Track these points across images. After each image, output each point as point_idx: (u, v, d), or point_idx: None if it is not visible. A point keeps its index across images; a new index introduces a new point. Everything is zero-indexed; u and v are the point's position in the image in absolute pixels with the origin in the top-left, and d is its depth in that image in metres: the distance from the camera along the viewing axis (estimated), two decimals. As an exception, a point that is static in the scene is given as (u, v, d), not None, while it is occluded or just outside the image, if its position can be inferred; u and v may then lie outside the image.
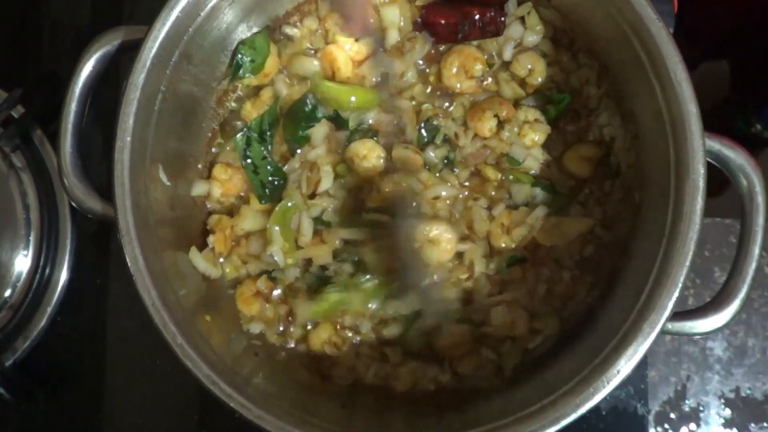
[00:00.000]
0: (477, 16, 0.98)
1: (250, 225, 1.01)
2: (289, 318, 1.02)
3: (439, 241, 0.99)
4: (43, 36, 1.20)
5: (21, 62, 1.21)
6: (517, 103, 1.02)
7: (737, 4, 1.16)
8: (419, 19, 1.02)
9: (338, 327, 1.01)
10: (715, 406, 1.10)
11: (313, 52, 1.04)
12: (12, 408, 1.12)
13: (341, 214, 1.01)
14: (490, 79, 1.03)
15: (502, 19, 0.99)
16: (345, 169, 1.02)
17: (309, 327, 1.02)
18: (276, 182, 1.03)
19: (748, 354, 1.10)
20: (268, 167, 1.03)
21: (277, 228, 0.99)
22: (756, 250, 0.84)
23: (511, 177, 1.01)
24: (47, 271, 1.12)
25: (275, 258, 0.99)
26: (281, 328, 1.02)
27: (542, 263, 1.00)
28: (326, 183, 1.01)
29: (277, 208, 1.00)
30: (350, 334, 1.01)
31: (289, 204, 1.00)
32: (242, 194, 1.04)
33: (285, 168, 1.03)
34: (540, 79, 1.01)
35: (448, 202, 1.02)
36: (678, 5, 1.12)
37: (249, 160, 1.03)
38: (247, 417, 0.83)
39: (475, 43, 1.02)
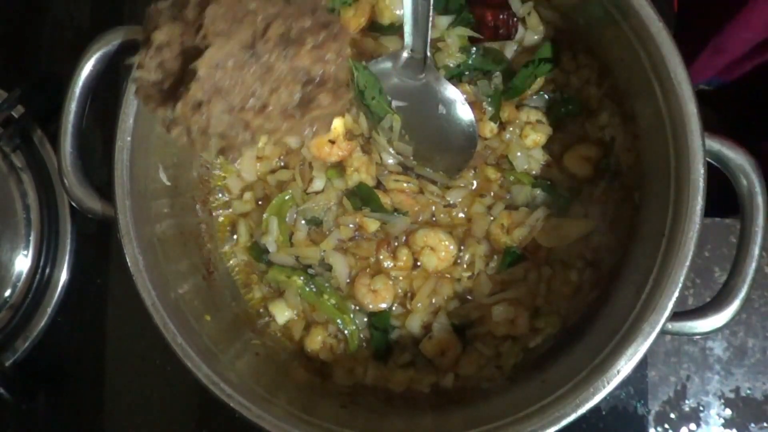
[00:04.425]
0: (490, 19, 0.98)
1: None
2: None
3: (438, 249, 1.00)
4: (43, 36, 1.20)
5: (21, 62, 1.21)
6: (519, 104, 1.02)
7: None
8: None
9: (328, 333, 1.02)
10: (715, 406, 1.10)
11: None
12: (12, 408, 1.12)
13: None
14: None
15: (515, 20, 0.99)
16: (335, 173, 1.02)
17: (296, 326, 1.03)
18: None
19: (748, 354, 1.10)
20: None
21: (273, 219, 1.01)
22: (756, 250, 0.84)
23: (511, 178, 1.01)
24: (47, 271, 1.12)
25: (269, 247, 1.01)
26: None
27: (543, 263, 1.01)
28: (318, 184, 1.02)
29: (274, 201, 1.02)
30: (340, 337, 1.02)
31: (286, 197, 1.02)
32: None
33: None
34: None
35: (463, 207, 1.02)
36: (678, 5, 1.12)
37: None
38: (247, 417, 0.83)
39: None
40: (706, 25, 1.23)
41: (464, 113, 0.97)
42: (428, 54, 0.92)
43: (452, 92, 0.96)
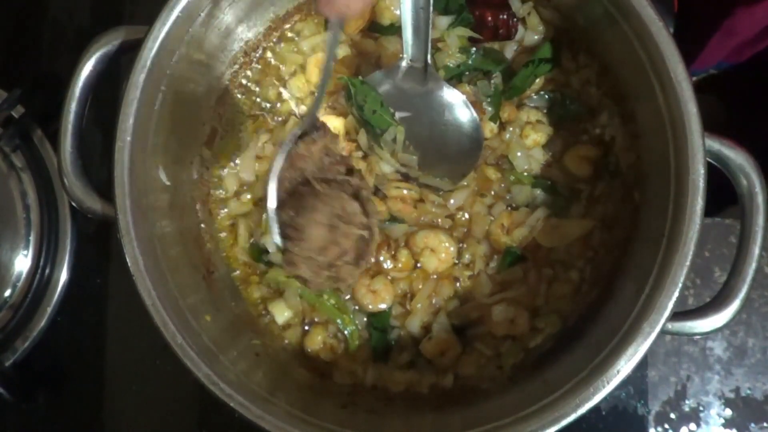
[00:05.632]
0: (490, 19, 0.98)
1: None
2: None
3: (438, 251, 0.99)
4: (43, 36, 1.20)
5: (21, 62, 1.21)
6: (519, 104, 1.02)
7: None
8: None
9: (328, 333, 1.02)
10: (715, 406, 1.10)
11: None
12: (12, 408, 1.12)
13: None
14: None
15: (515, 20, 0.99)
16: None
17: (306, 328, 1.03)
18: None
19: (748, 354, 1.10)
20: None
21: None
22: (756, 250, 0.84)
23: (511, 178, 1.01)
24: (47, 271, 1.12)
25: (268, 248, 1.01)
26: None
27: (543, 263, 1.01)
28: None
29: None
30: (340, 337, 1.02)
31: None
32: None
33: None
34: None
35: (465, 211, 1.02)
36: (678, 5, 1.12)
37: None
38: (247, 417, 0.83)
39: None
40: (710, 21, 1.23)
41: (469, 116, 0.96)
42: (429, 62, 0.92)
43: (455, 96, 0.96)
